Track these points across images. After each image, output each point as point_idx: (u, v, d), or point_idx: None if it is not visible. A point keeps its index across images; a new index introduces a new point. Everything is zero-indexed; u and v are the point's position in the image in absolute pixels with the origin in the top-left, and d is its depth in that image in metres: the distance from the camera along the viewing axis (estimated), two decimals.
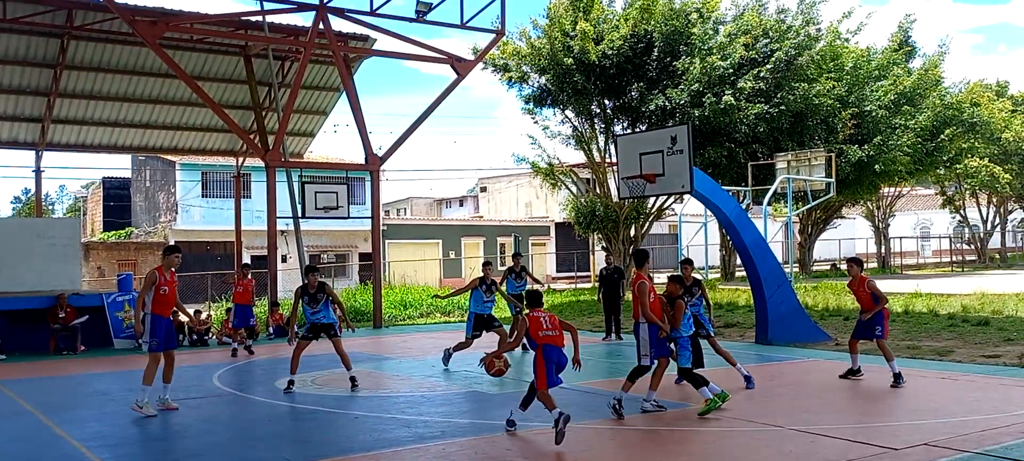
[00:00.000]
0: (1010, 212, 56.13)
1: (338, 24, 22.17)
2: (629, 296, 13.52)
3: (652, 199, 29.42)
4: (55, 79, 23.07)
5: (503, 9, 23.23)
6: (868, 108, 32.94)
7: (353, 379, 11.32)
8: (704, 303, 10.90)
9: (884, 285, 29.14)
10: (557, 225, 47.97)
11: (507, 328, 13.90)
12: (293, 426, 9.14)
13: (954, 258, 51.03)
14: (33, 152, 25.60)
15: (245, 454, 7.91)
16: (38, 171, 26.00)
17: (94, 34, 22.00)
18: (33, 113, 24.21)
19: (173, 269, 10.10)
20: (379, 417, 9.36)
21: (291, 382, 11.29)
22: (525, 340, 10.14)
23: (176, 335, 11.64)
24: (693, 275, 11.20)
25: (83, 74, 23.43)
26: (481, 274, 13.59)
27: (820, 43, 31.95)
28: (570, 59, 27.44)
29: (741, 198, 30.56)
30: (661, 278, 15.96)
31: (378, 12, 21.84)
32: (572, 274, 42.48)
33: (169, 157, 35.78)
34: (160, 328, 9.88)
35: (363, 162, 22.74)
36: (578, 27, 27.33)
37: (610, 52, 27.33)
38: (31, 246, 18.94)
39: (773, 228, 40.85)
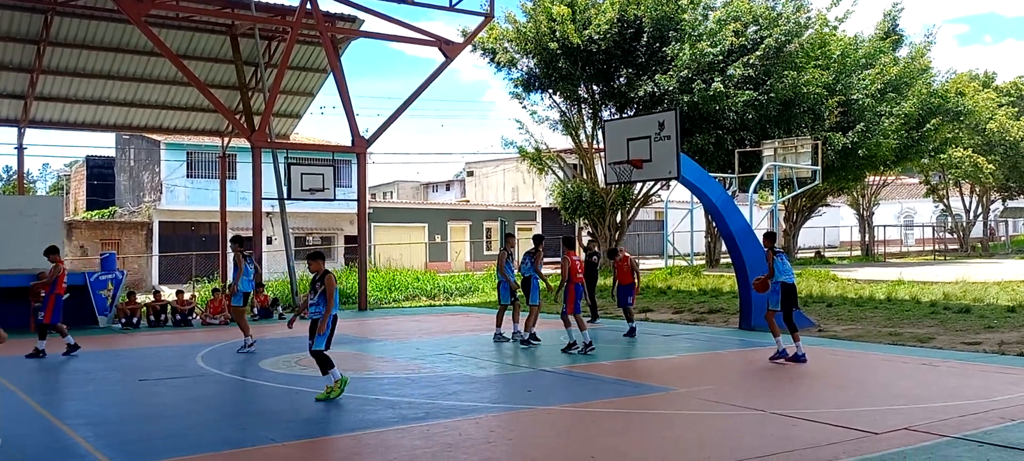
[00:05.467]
0: (992, 202, 56.62)
1: (325, 4, 22.14)
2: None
3: (639, 185, 29.47)
4: (38, 55, 22.80)
5: None
6: (855, 96, 33.08)
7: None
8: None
9: (867, 273, 29.41)
10: (543, 210, 47.99)
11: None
12: (276, 406, 9.12)
13: (937, 247, 51.49)
14: (15, 129, 25.33)
15: (228, 434, 7.88)
16: (20, 148, 25.73)
17: (78, 10, 21.73)
18: (16, 89, 23.94)
19: None
20: (363, 398, 9.35)
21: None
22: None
23: None
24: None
25: (67, 51, 23.17)
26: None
27: (809, 31, 32.01)
28: (555, 44, 27.35)
29: (728, 185, 30.67)
30: (652, 263, 15.90)
31: None
32: (558, 259, 42.49)
33: (154, 136, 35.50)
34: None
35: (350, 144, 22.64)
36: (556, 10, 27.24)
37: (597, 37, 27.26)
38: (13, 224, 18.76)
39: (759, 215, 41.01)
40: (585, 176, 31.60)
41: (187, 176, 37.58)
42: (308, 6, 20.99)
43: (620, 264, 15.44)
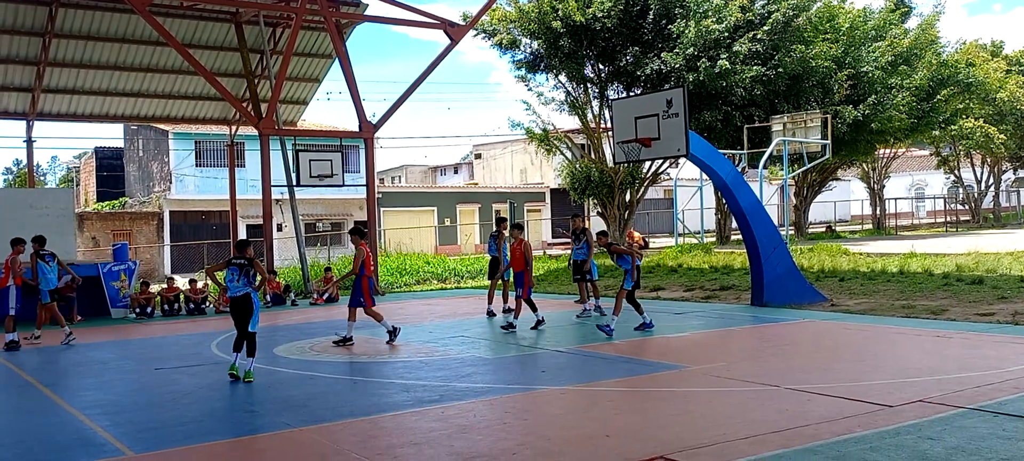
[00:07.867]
0: (1004, 172, 56.22)
1: None
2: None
3: (647, 164, 29.39)
4: (44, 48, 22.84)
5: None
6: (864, 69, 32.82)
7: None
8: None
9: (879, 246, 29.29)
10: (552, 191, 47.93)
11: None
12: (292, 392, 9.17)
13: (949, 219, 51.18)
14: (24, 122, 25.42)
15: (244, 420, 7.94)
16: (29, 141, 25.82)
17: (83, 2, 21.75)
18: (23, 82, 24.01)
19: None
20: (378, 382, 9.40)
21: None
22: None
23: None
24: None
25: (73, 43, 23.20)
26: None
27: (817, 4, 31.74)
28: (559, 22, 27.21)
29: (737, 161, 30.54)
30: (662, 241, 15.82)
31: None
32: (567, 240, 42.51)
33: (162, 126, 35.57)
34: None
35: (357, 129, 22.63)
36: None
37: (601, 14, 27.10)
38: (24, 217, 18.84)
39: (769, 191, 40.88)
40: (593, 156, 31.52)
41: (196, 165, 37.66)
42: None
43: (514, 248, 13.38)
